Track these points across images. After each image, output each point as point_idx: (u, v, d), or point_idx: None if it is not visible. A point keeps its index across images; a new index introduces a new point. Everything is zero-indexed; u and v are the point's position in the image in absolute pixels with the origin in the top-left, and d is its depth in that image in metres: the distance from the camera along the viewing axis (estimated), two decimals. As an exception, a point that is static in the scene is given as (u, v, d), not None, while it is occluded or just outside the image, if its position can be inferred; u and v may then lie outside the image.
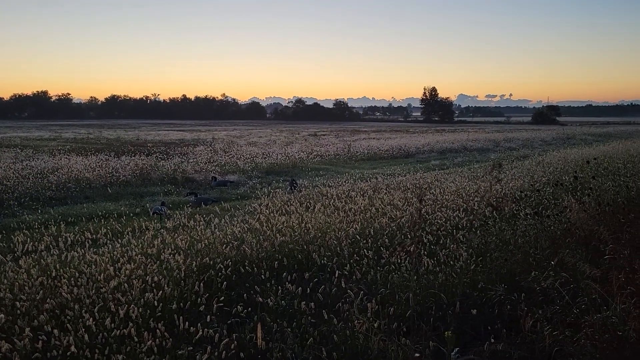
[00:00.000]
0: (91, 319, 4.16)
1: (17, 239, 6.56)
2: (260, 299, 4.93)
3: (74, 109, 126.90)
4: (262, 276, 5.45)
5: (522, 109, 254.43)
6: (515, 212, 7.74)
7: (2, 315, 4.12)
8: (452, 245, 6.18)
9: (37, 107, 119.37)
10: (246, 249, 6.17)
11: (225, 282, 5.22)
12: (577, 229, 6.00)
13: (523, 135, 43.72)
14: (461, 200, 8.93)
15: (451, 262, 5.66)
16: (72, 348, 3.79)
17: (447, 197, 9.32)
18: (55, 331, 3.99)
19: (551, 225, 6.49)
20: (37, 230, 8.16)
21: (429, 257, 5.79)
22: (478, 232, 6.78)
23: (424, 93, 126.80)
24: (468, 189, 10.26)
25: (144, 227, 7.85)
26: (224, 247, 6.24)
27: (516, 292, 4.69)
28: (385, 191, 10.97)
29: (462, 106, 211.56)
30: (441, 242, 6.42)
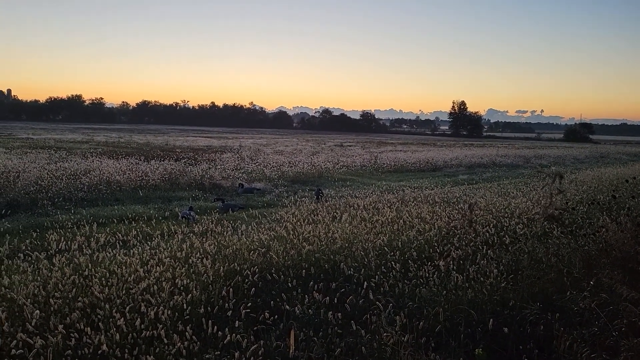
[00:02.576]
0: (122, 319, 4.21)
1: (51, 237, 6.70)
2: (287, 306, 4.92)
3: (106, 113, 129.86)
4: (289, 284, 5.45)
5: (554, 126, 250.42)
6: (547, 229, 7.58)
7: (37, 311, 4.20)
8: (482, 262, 6.08)
9: (71, 110, 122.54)
10: (273, 256, 6.17)
11: (253, 289, 5.22)
12: (614, 249, 5.83)
13: (554, 152, 42.95)
14: (490, 216, 8.78)
15: (481, 279, 5.56)
16: (104, 347, 3.83)
17: (476, 212, 9.18)
18: (88, 329, 4.04)
19: (586, 245, 6.32)
20: (69, 229, 8.33)
21: (458, 273, 5.70)
22: (509, 249, 6.65)
23: (453, 107, 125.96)
24: (498, 205, 10.10)
25: (172, 231, 7.95)
26: (250, 254, 6.27)
27: (549, 312, 4.58)
28: (412, 204, 10.88)
29: (492, 121, 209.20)
30: (470, 257, 6.32)
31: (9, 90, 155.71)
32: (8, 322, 4.17)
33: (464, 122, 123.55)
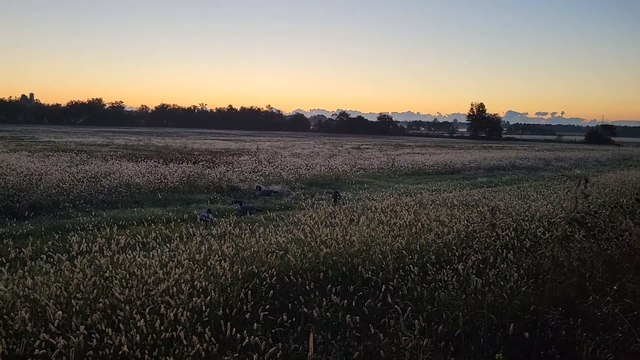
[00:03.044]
0: (142, 320, 4.25)
1: (73, 239, 6.79)
2: (304, 309, 4.92)
3: (126, 116, 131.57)
4: (307, 287, 5.45)
5: (575, 128, 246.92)
6: (569, 233, 7.47)
7: (60, 312, 4.26)
8: (502, 265, 6.01)
9: (91, 114, 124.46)
10: (290, 258, 6.18)
11: (271, 291, 5.23)
12: (638, 253, 5.73)
13: (575, 154, 42.34)
14: (510, 219, 8.68)
15: (501, 283, 5.49)
16: (124, 348, 3.88)
17: (496, 214, 9.08)
18: (109, 330, 4.09)
19: (609, 249, 6.21)
20: (90, 231, 8.45)
21: (478, 276, 5.64)
22: (530, 252, 6.57)
23: (471, 109, 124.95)
24: (518, 208, 9.98)
25: (191, 233, 8.00)
26: (268, 256, 6.29)
27: (572, 317, 4.51)
28: (431, 207, 10.81)
29: (511, 123, 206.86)
30: (490, 261, 6.25)
31: (32, 95, 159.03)
32: (31, 322, 4.24)
33: (482, 124, 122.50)
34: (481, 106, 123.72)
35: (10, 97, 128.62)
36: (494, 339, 4.52)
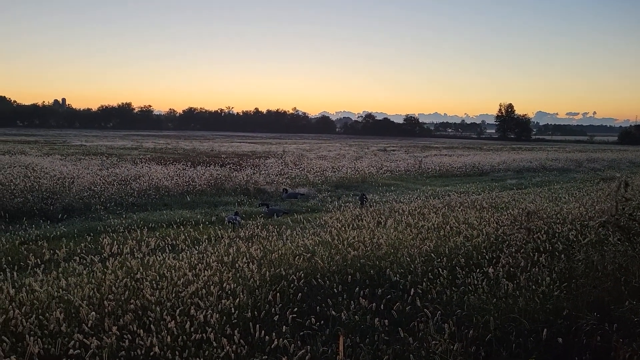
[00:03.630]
0: (172, 322, 4.31)
1: (104, 241, 6.93)
2: (333, 312, 4.91)
3: (154, 120, 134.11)
4: (334, 289, 5.43)
5: (607, 128, 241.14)
6: (602, 236, 7.27)
7: (93, 313, 4.34)
8: (533, 269, 5.89)
9: (121, 118, 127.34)
10: (318, 261, 6.18)
11: (299, 294, 5.24)
12: (676, 257, 5.54)
13: (608, 155, 41.31)
14: (542, 222, 8.51)
15: (533, 287, 5.38)
16: (155, 349, 3.93)
17: (525, 217, 8.91)
18: (140, 331, 4.15)
19: (645, 253, 6.02)
20: (121, 233, 8.61)
21: (508, 280, 5.54)
22: (562, 256, 6.42)
23: (500, 110, 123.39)
24: (549, 210, 9.78)
25: (219, 236, 8.08)
26: (295, 259, 6.29)
27: (607, 322, 4.38)
28: (459, 209, 10.68)
29: (541, 124, 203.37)
30: (522, 264, 6.13)
31: (64, 100, 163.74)
32: (66, 322, 4.33)
33: (511, 125, 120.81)
34: (510, 107, 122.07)
35: (44, 102, 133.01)
36: (526, 344, 4.43)
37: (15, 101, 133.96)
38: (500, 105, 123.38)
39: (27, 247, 8.36)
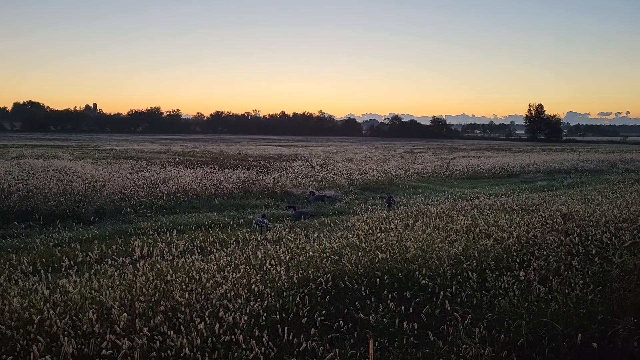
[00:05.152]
0: (202, 323, 4.34)
1: (135, 243, 7.04)
2: (361, 315, 4.88)
3: (182, 124, 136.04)
4: (362, 292, 5.40)
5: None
6: (638, 239, 7.07)
7: (125, 314, 4.42)
8: (566, 272, 5.75)
9: (150, 122, 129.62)
10: (345, 264, 6.16)
11: (327, 297, 5.23)
12: None
13: (642, 156, 40.15)
14: (574, 224, 8.31)
15: (565, 291, 5.26)
16: (185, 350, 3.97)
17: (558, 220, 8.72)
18: (170, 332, 4.20)
19: (683, 256, 5.83)
20: (151, 236, 8.74)
21: (540, 284, 5.43)
22: (596, 259, 6.26)
23: (529, 110, 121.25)
24: (581, 212, 9.55)
25: (247, 238, 8.14)
26: (323, 261, 6.29)
27: (644, 328, 4.25)
28: (488, 211, 10.51)
29: (572, 124, 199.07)
30: (554, 268, 6.00)
31: (95, 105, 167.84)
32: (98, 323, 4.42)
33: (541, 126, 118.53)
34: (540, 107, 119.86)
35: (76, 107, 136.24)
36: (559, 349, 4.33)
37: (48, 107, 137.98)
38: (530, 106, 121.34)
39: (61, 249, 8.57)
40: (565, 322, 4.65)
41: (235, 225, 11.19)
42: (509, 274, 5.79)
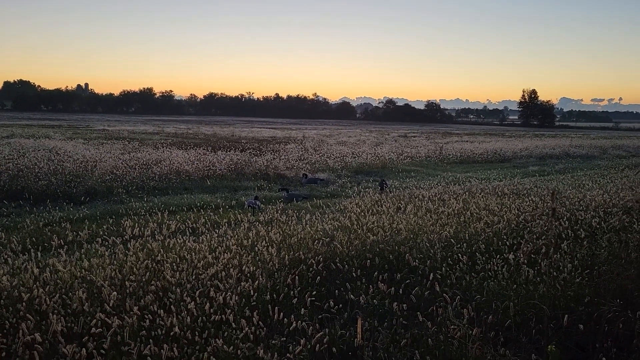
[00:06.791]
0: (192, 303, 4.36)
1: (126, 224, 7.03)
2: (351, 296, 4.92)
3: (175, 105, 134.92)
4: (353, 274, 5.43)
5: (634, 115, 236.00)
6: (626, 223, 7.14)
7: (115, 293, 4.42)
8: (555, 255, 5.80)
9: (142, 103, 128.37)
10: (337, 245, 6.18)
11: (317, 278, 5.25)
12: None
13: (634, 142, 40.40)
14: (564, 208, 8.38)
15: (554, 273, 5.31)
16: (175, 329, 3.98)
17: (547, 204, 8.78)
18: (160, 312, 4.22)
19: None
20: (142, 217, 8.70)
21: (529, 267, 5.48)
22: (584, 242, 6.32)
23: (523, 95, 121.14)
24: (572, 197, 9.62)
25: (239, 220, 8.13)
26: (314, 243, 6.31)
27: (630, 309, 4.31)
28: (480, 195, 10.56)
29: (565, 110, 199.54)
30: (543, 251, 6.05)
31: (87, 84, 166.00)
32: (88, 302, 4.42)
33: (534, 112, 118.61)
34: (533, 93, 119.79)
35: (67, 87, 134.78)
36: (546, 330, 4.38)
37: (39, 86, 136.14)
38: (524, 91, 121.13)
39: (51, 228, 8.52)
40: (552, 304, 4.70)
41: (227, 206, 11.19)
42: (498, 256, 5.83)
